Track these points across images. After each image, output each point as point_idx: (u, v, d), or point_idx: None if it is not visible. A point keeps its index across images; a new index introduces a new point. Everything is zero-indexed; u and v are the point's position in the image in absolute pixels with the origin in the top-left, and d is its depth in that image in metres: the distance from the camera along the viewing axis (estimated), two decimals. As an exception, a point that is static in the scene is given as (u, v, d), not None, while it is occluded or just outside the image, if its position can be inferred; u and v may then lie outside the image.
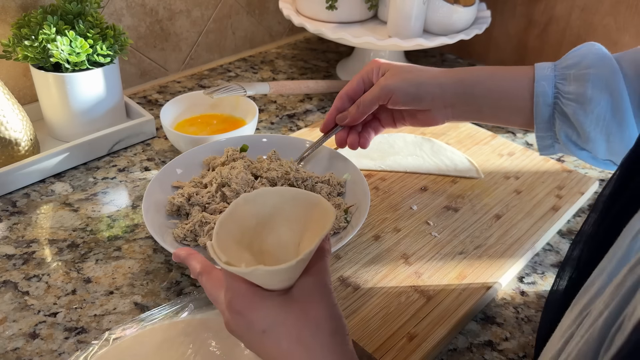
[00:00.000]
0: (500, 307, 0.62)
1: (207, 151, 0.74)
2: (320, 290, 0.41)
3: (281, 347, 0.40)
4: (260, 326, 0.41)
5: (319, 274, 0.42)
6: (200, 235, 0.62)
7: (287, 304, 0.41)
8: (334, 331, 0.40)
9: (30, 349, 0.55)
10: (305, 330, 0.40)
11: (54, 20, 0.75)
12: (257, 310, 0.41)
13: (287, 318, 0.40)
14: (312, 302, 0.41)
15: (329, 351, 0.40)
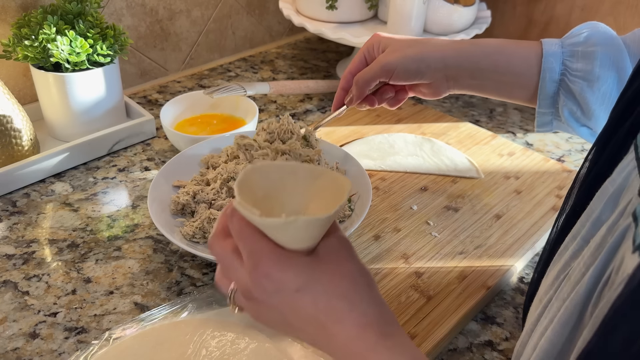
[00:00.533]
0: (501, 307, 0.62)
1: (205, 150, 0.74)
2: (346, 247, 0.41)
3: (319, 304, 0.39)
4: (293, 285, 0.38)
5: (340, 234, 0.41)
6: (210, 231, 0.62)
7: (318, 262, 0.39)
8: (369, 284, 0.40)
9: (30, 349, 0.55)
10: (343, 285, 0.39)
11: (54, 20, 0.75)
12: (288, 270, 0.39)
13: (321, 275, 0.39)
14: (342, 259, 0.40)
15: (368, 303, 0.39)
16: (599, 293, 0.34)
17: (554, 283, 0.41)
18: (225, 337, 0.53)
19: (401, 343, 0.39)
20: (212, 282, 0.63)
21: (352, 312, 0.38)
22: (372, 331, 0.38)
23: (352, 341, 0.38)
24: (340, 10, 1.01)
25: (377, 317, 0.39)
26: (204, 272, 0.64)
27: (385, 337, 0.38)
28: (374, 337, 0.38)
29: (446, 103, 1.02)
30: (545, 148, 0.90)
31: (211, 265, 0.65)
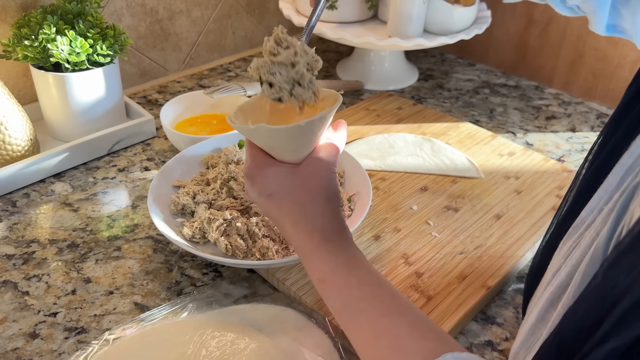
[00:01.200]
0: (501, 307, 0.62)
1: (205, 150, 0.74)
2: (323, 166, 0.48)
3: (282, 207, 0.48)
4: (268, 190, 0.48)
5: (327, 155, 0.49)
6: (209, 232, 0.62)
7: (293, 173, 0.48)
8: (328, 198, 0.48)
9: (30, 349, 0.55)
10: (303, 195, 0.47)
11: (54, 20, 0.75)
12: (266, 177, 0.48)
13: (290, 185, 0.48)
14: (314, 174, 0.48)
15: (320, 213, 0.47)
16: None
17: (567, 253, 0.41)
18: (225, 337, 0.53)
19: (340, 247, 0.47)
20: (212, 282, 0.63)
21: (304, 219, 0.47)
22: (317, 236, 0.47)
23: (303, 242, 0.47)
24: (340, 10, 1.01)
25: (324, 226, 0.47)
26: (204, 272, 0.64)
27: (327, 241, 0.46)
28: (317, 240, 0.46)
29: (446, 103, 1.02)
30: (545, 148, 0.90)
31: (211, 265, 0.65)
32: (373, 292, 0.44)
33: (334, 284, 0.45)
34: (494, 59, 1.18)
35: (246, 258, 0.61)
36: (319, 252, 0.46)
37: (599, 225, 0.36)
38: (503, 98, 1.04)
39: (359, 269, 0.46)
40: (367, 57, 1.07)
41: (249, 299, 0.60)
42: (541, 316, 0.41)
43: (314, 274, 0.47)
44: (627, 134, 0.39)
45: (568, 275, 0.39)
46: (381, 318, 0.42)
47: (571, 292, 0.37)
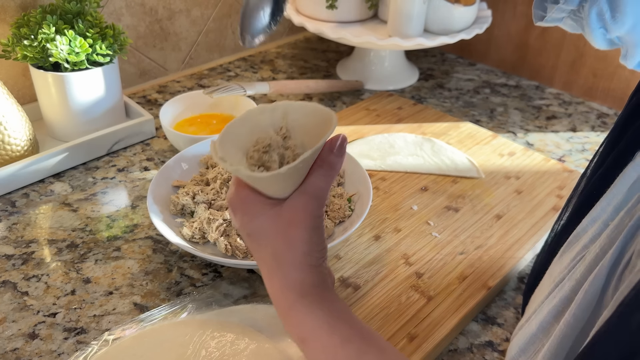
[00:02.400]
0: (501, 308, 0.62)
1: (205, 150, 0.74)
2: (306, 212, 0.43)
3: (260, 253, 0.44)
4: (247, 229, 0.44)
5: (310, 194, 0.44)
6: (209, 232, 0.62)
7: (274, 216, 0.44)
8: (306, 252, 0.43)
9: (30, 350, 0.55)
10: (281, 246, 0.43)
11: (53, 19, 0.75)
12: (247, 214, 0.44)
13: (269, 230, 0.43)
14: (295, 222, 0.43)
15: (295, 268, 0.43)
16: (619, 275, 0.34)
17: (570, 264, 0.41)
18: (225, 338, 0.53)
19: (318, 301, 0.42)
20: (211, 282, 0.62)
21: (279, 271, 0.43)
22: (293, 291, 0.42)
23: (277, 297, 0.43)
24: (340, 10, 1.01)
25: (301, 280, 0.43)
26: (204, 272, 0.64)
27: (303, 297, 0.42)
28: (293, 296, 0.42)
29: (447, 103, 1.01)
30: (546, 148, 0.90)
31: (210, 265, 0.65)
32: (359, 349, 0.40)
33: (316, 344, 0.41)
34: (494, 58, 1.17)
35: (246, 258, 0.61)
36: (295, 309, 0.42)
37: (604, 242, 0.36)
38: (503, 98, 1.04)
39: (342, 324, 0.42)
40: (367, 57, 1.07)
41: (249, 299, 0.60)
42: (543, 328, 0.41)
43: (293, 332, 0.43)
44: (631, 145, 0.39)
45: (572, 291, 0.39)
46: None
47: (574, 312, 0.37)
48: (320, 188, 0.44)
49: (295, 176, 0.43)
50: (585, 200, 0.43)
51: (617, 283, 0.35)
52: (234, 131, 0.45)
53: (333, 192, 0.68)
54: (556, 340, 0.38)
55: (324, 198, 0.44)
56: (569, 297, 0.39)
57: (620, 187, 0.39)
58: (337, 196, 0.68)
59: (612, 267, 0.35)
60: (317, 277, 0.43)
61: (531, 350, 0.42)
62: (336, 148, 0.44)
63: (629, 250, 0.34)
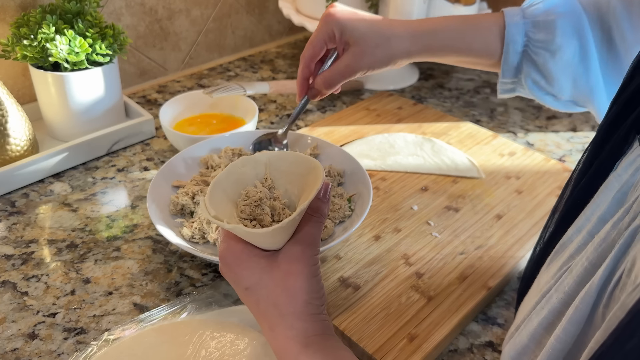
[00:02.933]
0: (501, 308, 0.62)
1: (205, 150, 0.74)
2: (303, 260, 0.44)
3: (259, 306, 0.44)
4: (244, 284, 0.44)
5: (306, 243, 0.44)
6: (209, 232, 0.62)
7: (271, 268, 0.44)
8: (307, 301, 0.43)
9: (29, 350, 0.55)
10: (281, 297, 0.43)
11: (53, 19, 0.75)
12: (243, 269, 0.44)
13: (267, 282, 0.44)
14: (293, 272, 0.43)
15: (298, 318, 0.43)
16: (609, 294, 0.35)
17: (556, 274, 0.41)
18: (225, 338, 0.53)
19: (322, 349, 0.42)
20: (211, 282, 0.62)
21: (282, 323, 0.43)
22: (297, 342, 0.42)
23: (282, 349, 0.43)
24: (340, 10, 1.01)
25: (305, 330, 0.43)
26: (204, 272, 0.64)
27: (307, 347, 0.42)
28: (297, 348, 0.42)
29: (447, 103, 1.01)
30: (546, 148, 0.90)
31: (210, 265, 0.64)
32: None
33: None
34: (494, 58, 1.17)
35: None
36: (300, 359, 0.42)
37: (592, 255, 0.37)
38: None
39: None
40: (367, 57, 1.06)
41: (249, 299, 0.60)
42: (534, 339, 0.42)
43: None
44: (613, 154, 0.40)
45: (561, 303, 0.39)
46: None
47: (565, 327, 0.37)
48: (314, 235, 0.45)
49: (291, 228, 0.44)
50: (571, 209, 0.43)
51: (607, 301, 0.35)
52: (221, 186, 0.47)
53: (333, 192, 0.68)
54: (547, 353, 0.38)
55: (318, 245, 0.45)
56: (558, 310, 0.39)
57: (603, 197, 0.39)
58: (337, 196, 0.68)
59: (604, 284, 0.35)
60: (319, 325, 0.44)
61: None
62: (322, 195, 0.46)
63: (620, 268, 0.34)
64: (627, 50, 0.56)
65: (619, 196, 0.37)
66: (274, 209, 0.49)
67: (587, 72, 0.58)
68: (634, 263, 0.33)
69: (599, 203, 0.39)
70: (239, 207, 0.48)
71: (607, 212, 0.38)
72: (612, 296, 0.35)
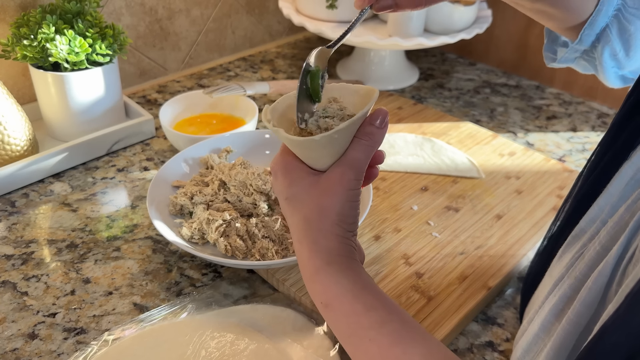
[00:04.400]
0: (501, 308, 0.62)
1: (205, 150, 0.74)
2: (342, 184, 0.44)
3: (293, 217, 0.45)
4: (285, 193, 0.46)
5: (348, 166, 0.44)
6: (209, 233, 0.62)
7: (312, 184, 0.45)
8: (336, 222, 0.44)
9: (29, 350, 0.55)
10: (313, 212, 0.44)
11: (53, 19, 0.75)
12: (287, 179, 0.46)
13: (305, 197, 0.45)
14: (329, 192, 0.44)
15: (324, 236, 0.44)
16: (622, 270, 0.35)
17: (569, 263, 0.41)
18: (225, 338, 0.53)
19: (344, 269, 0.43)
20: (211, 282, 0.62)
21: (309, 237, 0.44)
22: (320, 258, 0.43)
23: (304, 262, 0.44)
24: (340, 10, 1.01)
25: (328, 248, 0.44)
26: (204, 272, 0.64)
27: (329, 264, 0.43)
28: (319, 263, 0.43)
29: (447, 103, 1.01)
30: (546, 148, 0.90)
31: (210, 265, 0.64)
32: (382, 318, 0.40)
33: (338, 309, 0.42)
34: (494, 58, 1.17)
35: (246, 259, 0.61)
36: (320, 275, 0.43)
37: (605, 239, 0.36)
38: (504, 98, 1.04)
39: (366, 293, 0.42)
40: (367, 57, 1.06)
41: (249, 299, 0.60)
42: (545, 327, 0.41)
43: (316, 297, 0.44)
44: (627, 145, 0.40)
45: (571, 289, 0.39)
46: (392, 347, 0.39)
47: (577, 309, 0.37)
48: (358, 159, 0.45)
49: (331, 146, 0.44)
50: (582, 201, 0.43)
51: (620, 278, 0.35)
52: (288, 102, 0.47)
53: None
54: (559, 338, 0.38)
55: (361, 170, 0.45)
56: (569, 296, 0.39)
57: (617, 186, 0.39)
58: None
59: (617, 263, 0.35)
60: (345, 248, 0.44)
61: (534, 350, 0.42)
62: (378, 120, 0.45)
63: (633, 245, 0.34)
64: None
65: (633, 183, 0.37)
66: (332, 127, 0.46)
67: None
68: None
69: (613, 192, 0.39)
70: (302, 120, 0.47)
71: (621, 200, 0.38)
72: (625, 273, 0.34)
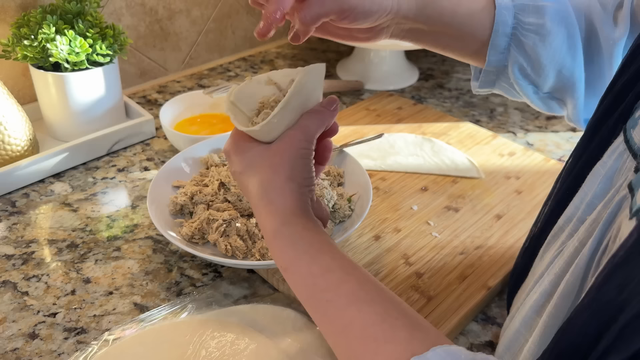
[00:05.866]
0: (501, 308, 0.62)
1: (205, 150, 0.74)
2: (292, 143, 0.45)
3: (249, 186, 0.47)
4: (238, 167, 0.47)
5: (299, 131, 0.46)
6: (209, 232, 0.62)
7: (263, 150, 0.46)
8: (289, 178, 0.44)
9: (30, 350, 0.55)
10: (266, 172, 0.45)
11: (53, 19, 0.75)
12: (238, 154, 0.48)
13: (257, 161, 0.46)
14: (280, 151, 0.45)
15: (278, 194, 0.45)
16: (597, 262, 0.36)
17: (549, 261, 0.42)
18: (225, 338, 0.53)
19: (301, 231, 0.43)
20: (211, 282, 0.62)
21: (263, 199, 0.45)
22: (276, 219, 0.44)
23: (263, 224, 0.45)
24: (340, 10, 1.01)
25: (284, 207, 0.44)
26: (204, 272, 0.64)
27: (285, 225, 0.44)
28: (276, 225, 0.44)
29: (447, 103, 1.01)
30: (546, 148, 0.90)
31: (211, 265, 0.65)
32: (339, 279, 0.41)
33: (296, 272, 0.42)
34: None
35: (246, 258, 0.61)
36: (277, 238, 0.43)
37: (583, 235, 0.38)
38: (503, 98, 1.04)
39: (323, 254, 0.42)
40: (367, 57, 1.06)
41: (249, 299, 0.60)
42: (526, 323, 0.42)
43: (276, 261, 0.44)
44: (601, 146, 0.41)
45: (551, 284, 0.40)
46: (348, 307, 0.39)
47: (556, 302, 0.38)
48: (307, 125, 0.46)
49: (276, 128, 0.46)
50: (560, 202, 0.44)
51: (595, 270, 0.36)
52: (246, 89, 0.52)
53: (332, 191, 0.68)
54: (539, 331, 0.39)
55: (310, 134, 0.46)
56: (549, 291, 0.40)
57: (590, 184, 0.40)
58: (337, 196, 0.68)
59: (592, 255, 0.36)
60: (300, 205, 0.45)
61: (516, 346, 0.43)
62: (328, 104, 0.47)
63: (606, 237, 0.35)
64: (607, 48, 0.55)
65: (605, 180, 0.39)
66: None
67: (573, 63, 0.57)
68: (619, 229, 0.33)
69: (587, 190, 0.40)
70: None
71: (595, 197, 0.39)
72: (600, 264, 0.35)
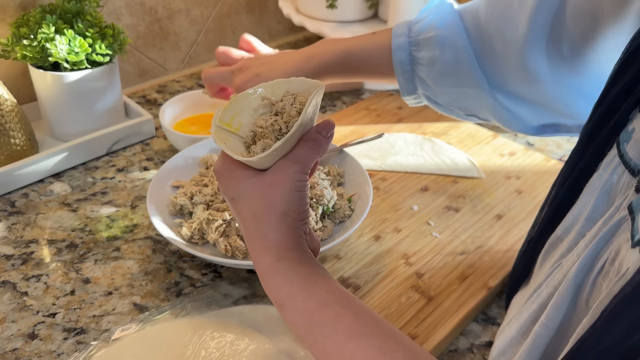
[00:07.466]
0: (502, 308, 0.62)
1: (204, 150, 0.74)
2: (288, 174, 0.44)
3: (241, 215, 0.45)
4: (230, 194, 0.46)
5: (294, 160, 0.44)
6: (209, 233, 0.62)
7: (257, 180, 0.45)
8: (285, 212, 0.43)
9: (29, 350, 0.54)
10: (260, 206, 0.44)
11: (52, 19, 0.75)
12: (230, 179, 0.46)
13: (250, 192, 0.44)
14: (276, 183, 0.44)
15: (273, 229, 0.43)
16: (593, 281, 0.36)
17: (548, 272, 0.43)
18: (225, 338, 0.53)
19: (295, 265, 0.42)
20: (211, 282, 0.62)
21: (257, 233, 0.44)
22: (270, 255, 0.43)
23: (256, 259, 0.44)
24: (340, 9, 1.01)
25: (278, 242, 0.43)
26: (203, 272, 0.64)
27: (280, 260, 0.42)
28: (269, 260, 0.43)
29: (446, 103, 1.01)
30: (546, 148, 0.90)
31: (210, 265, 0.64)
32: (336, 314, 0.40)
33: (292, 308, 0.42)
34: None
35: (246, 259, 0.61)
36: (271, 274, 0.43)
37: (582, 251, 0.39)
38: (504, 98, 1.04)
39: (318, 288, 0.42)
40: (367, 57, 1.06)
41: (249, 299, 0.60)
42: (522, 331, 0.43)
43: (271, 296, 0.43)
44: (596, 156, 0.41)
45: (549, 296, 0.41)
46: (347, 342, 0.39)
47: (548, 312, 0.39)
48: (303, 156, 0.45)
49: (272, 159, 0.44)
50: (558, 209, 0.45)
51: (591, 289, 0.36)
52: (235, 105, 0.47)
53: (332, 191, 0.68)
54: (530, 340, 0.40)
55: (307, 165, 0.45)
56: (546, 303, 0.41)
57: (588, 196, 0.41)
58: (337, 196, 0.67)
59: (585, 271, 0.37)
60: (294, 239, 0.44)
61: (510, 352, 0.44)
62: (324, 131, 0.46)
63: (603, 256, 0.35)
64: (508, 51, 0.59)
65: (601, 195, 0.39)
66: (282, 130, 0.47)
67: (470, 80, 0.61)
68: (618, 252, 0.34)
69: (585, 203, 0.41)
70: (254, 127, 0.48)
71: (594, 211, 0.40)
72: (595, 284, 0.36)
